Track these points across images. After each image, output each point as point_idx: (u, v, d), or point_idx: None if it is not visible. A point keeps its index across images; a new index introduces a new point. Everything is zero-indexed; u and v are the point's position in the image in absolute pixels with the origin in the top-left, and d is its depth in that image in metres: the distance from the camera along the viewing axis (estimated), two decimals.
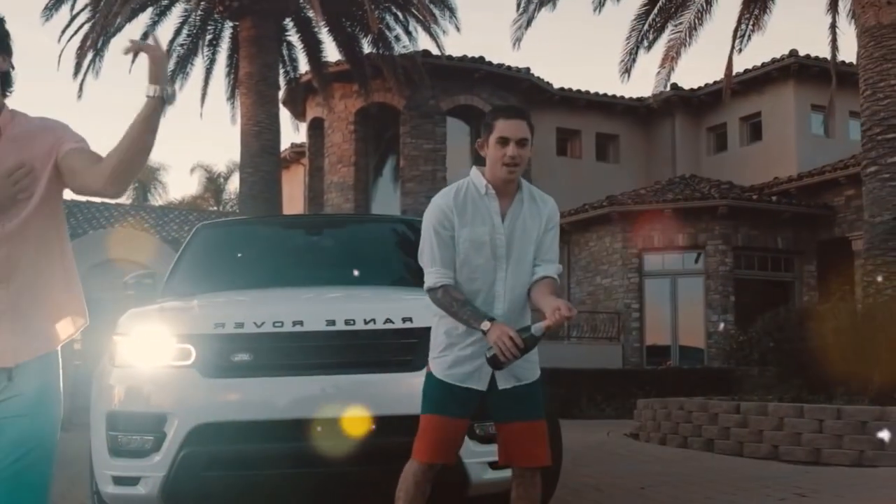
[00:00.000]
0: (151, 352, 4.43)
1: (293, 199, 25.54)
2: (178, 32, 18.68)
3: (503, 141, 3.46)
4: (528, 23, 13.97)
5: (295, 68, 19.90)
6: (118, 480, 4.37)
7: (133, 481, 4.32)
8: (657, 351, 19.39)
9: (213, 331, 4.40)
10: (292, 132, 21.11)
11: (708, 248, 19.05)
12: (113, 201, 26.57)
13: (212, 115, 74.95)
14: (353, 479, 4.35)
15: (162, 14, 18.23)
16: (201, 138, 66.09)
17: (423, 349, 4.45)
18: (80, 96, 17.02)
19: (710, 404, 8.73)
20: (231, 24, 18.43)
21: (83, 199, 23.52)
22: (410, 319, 4.47)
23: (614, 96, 23.58)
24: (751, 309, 15.60)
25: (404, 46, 18.84)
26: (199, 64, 19.15)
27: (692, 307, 19.23)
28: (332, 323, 4.42)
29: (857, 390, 8.71)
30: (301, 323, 4.41)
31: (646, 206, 19.26)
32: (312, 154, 22.82)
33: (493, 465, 4.41)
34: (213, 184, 35.27)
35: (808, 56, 20.28)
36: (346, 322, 4.43)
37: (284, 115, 22.00)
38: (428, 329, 4.43)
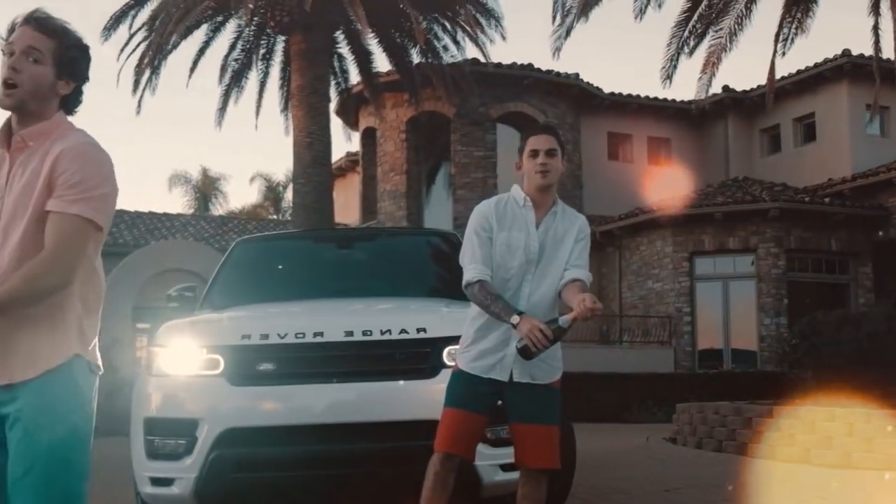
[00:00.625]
0: (184, 362, 4.75)
1: (349, 207, 25.98)
2: (232, 47, 19.15)
3: (534, 153, 3.89)
4: (567, 33, 14.14)
5: (346, 79, 20.28)
6: (155, 481, 4.69)
7: (168, 482, 4.64)
8: (709, 355, 19.38)
9: (239, 342, 4.71)
10: (345, 142, 21.46)
11: (759, 251, 18.98)
12: (174, 211, 27.26)
13: (270, 125, 76.16)
14: (370, 481, 4.61)
15: (216, 30, 18.74)
16: (261, 148, 67.33)
17: (436, 358, 4.74)
18: (138, 112, 17.60)
19: (744, 408, 8.83)
20: (283, 38, 18.86)
21: (145, 209, 24.23)
22: (424, 330, 4.74)
23: (665, 100, 23.56)
24: (805, 312, 15.53)
25: (452, 56, 19.09)
26: (253, 77, 19.60)
27: (744, 310, 19.18)
28: (351, 334, 4.70)
29: (893, 394, 8.74)
30: (321, 334, 4.69)
31: (696, 209, 19.26)
32: (366, 163, 23.23)
33: (504, 468, 4.67)
34: (273, 192, 35.97)
35: (861, 55, 20.08)
36: (364, 333, 4.70)
37: (337, 124, 22.44)
38: (441, 339, 4.74)
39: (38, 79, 2.63)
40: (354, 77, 20.46)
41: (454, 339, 4.52)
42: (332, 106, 20.60)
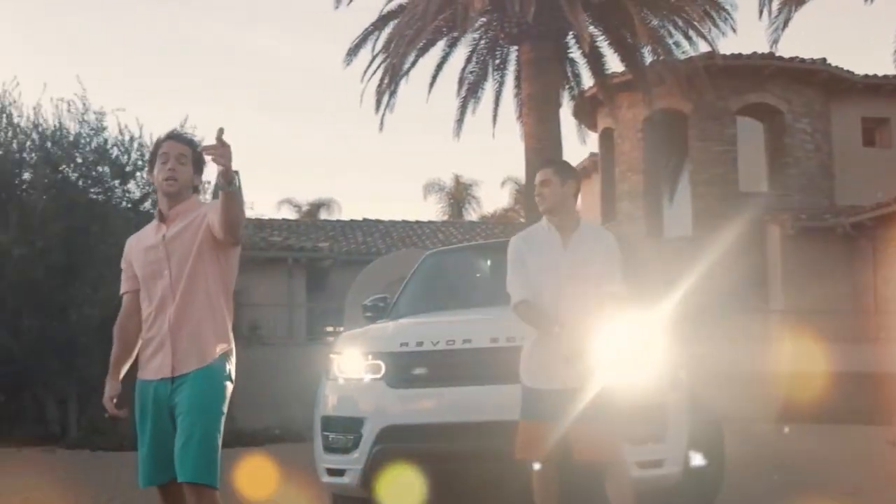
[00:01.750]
0: (353, 367, 5.41)
1: (594, 208, 26.19)
2: (468, 60, 19.98)
3: (534, 187, 4.58)
4: (785, 24, 13.70)
5: (579, 83, 20.54)
6: (330, 472, 5.38)
7: (340, 473, 5.31)
8: None
9: (398, 349, 5.31)
10: (580, 144, 21.72)
11: None
12: (425, 219, 28.66)
13: (514, 130, 77.49)
14: (510, 475, 4.99)
15: (452, 46, 19.62)
16: (509, 152, 68.50)
17: None
18: (381, 129, 18.84)
19: None
20: (516, 48, 19.46)
21: (398, 218, 25.70)
22: None
23: None
24: None
25: (683, 52, 18.88)
26: (489, 87, 20.35)
27: None
28: (496, 340, 5.15)
29: None
30: (469, 341, 5.18)
31: None
32: (604, 164, 23.36)
33: (642, 465, 4.94)
34: (524, 196, 36.64)
35: None
36: (508, 339, 5.10)
37: (571, 127, 22.67)
38: None
39: (187, 174, 3.97)
40: (588, 80, 20.70)
41: None
42: (569, 109, 21.03)
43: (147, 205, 12.47)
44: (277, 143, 65.92)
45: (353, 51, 18.31)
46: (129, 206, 12.66)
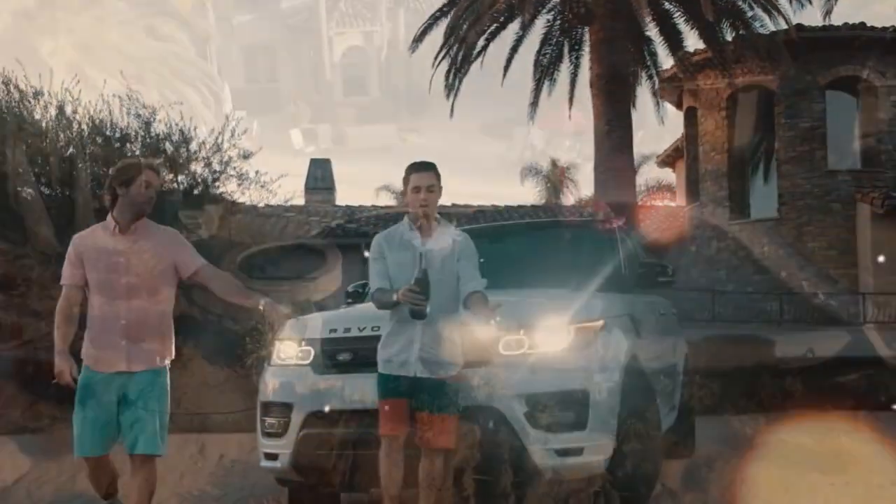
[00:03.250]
0: (288, 353, 5.52)
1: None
2: (543, 43, 19.74)
3: (416, 189, 4.67)
4: None
5: (655, 62, 20.01)
6: (266, 456, 5.49)
7: (274, 457, 5.42)
8: None
9: (327, 335, 5.38)
10: (657, 125, 21.12)
11: None
12: (515, 203, 28.48)
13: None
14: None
15: (526, 28, 19.41)
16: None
17: (493, 347, 5.00)
18: (451, 115, 18.78)
19: None
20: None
21: (475, 203, 25.68)
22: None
23: None
24: None
25: (762, 25, 18.19)
26: (564, 69, 20.03)
27: None
28: None
29: None
30: None
31: None
32: (689, 144, 22.77)
33: (560, 452, 4.85)
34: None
35: None
36: None
37: (646, 108, 22.08)
38: None
39: (155, 198, 4.59)
40: (667, 58, 20.16)
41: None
42: (648, 89, 20.55)
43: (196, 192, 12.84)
44: None
45: (420, 37, 18.31)
46: (181, 195, 13.00)
